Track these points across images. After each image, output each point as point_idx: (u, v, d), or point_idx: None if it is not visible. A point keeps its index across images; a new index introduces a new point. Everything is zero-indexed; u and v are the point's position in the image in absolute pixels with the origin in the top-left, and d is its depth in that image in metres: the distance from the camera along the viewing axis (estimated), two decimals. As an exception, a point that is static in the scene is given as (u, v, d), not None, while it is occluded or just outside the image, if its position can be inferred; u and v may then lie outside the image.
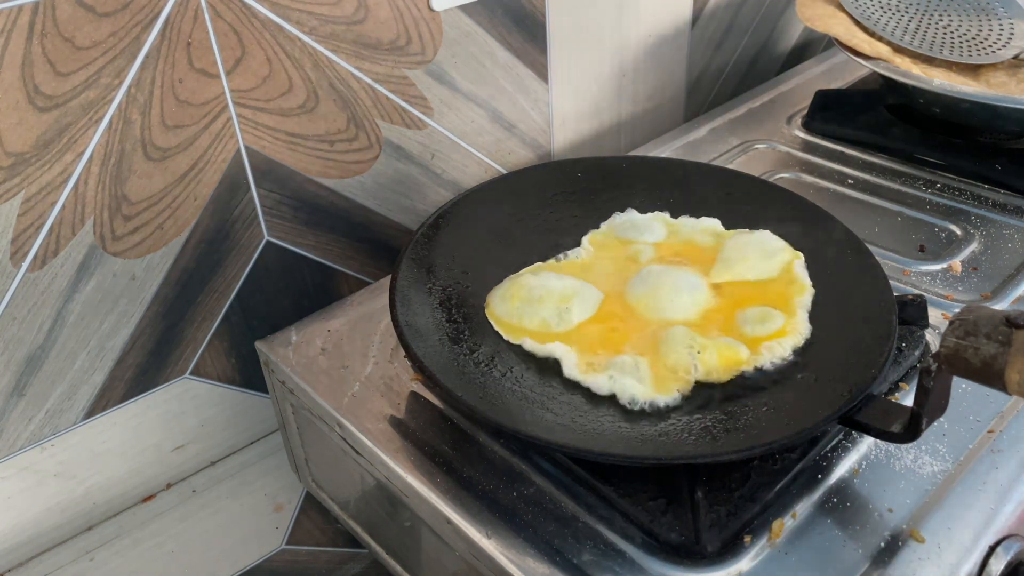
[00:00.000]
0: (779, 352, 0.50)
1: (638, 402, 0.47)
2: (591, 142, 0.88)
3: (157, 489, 0.66)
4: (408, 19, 0.65)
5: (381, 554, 0.60)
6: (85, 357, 0.58)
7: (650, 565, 0.43)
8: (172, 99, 0.55)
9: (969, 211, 0.71)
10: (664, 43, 0.90)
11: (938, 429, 0.49)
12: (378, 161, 0.69)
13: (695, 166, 0.68)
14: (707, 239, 0.61)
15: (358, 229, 0.70)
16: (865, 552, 0.42)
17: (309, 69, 0.61)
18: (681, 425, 0.46)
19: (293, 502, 0.73)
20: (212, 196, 0.60)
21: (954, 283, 0.62)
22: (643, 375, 0.48)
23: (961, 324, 0.38)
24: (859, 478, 0.47)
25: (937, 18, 0.84)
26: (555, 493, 0.47)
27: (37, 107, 0.50)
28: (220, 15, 0.55)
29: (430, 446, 0.50)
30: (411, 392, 0.55)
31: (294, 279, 0.67)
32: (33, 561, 0.61)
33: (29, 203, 0.51)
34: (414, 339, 0.50)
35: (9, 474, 0.58)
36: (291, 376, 0.57)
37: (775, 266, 0.57)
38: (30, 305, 0.54)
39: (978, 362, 0.38)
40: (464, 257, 0.59)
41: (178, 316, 0.61)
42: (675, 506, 0.44)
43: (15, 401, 0.56)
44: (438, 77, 0.69)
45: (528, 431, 0.45)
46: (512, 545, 0.44)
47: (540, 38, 0.76)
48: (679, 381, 0.48)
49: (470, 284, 0.58)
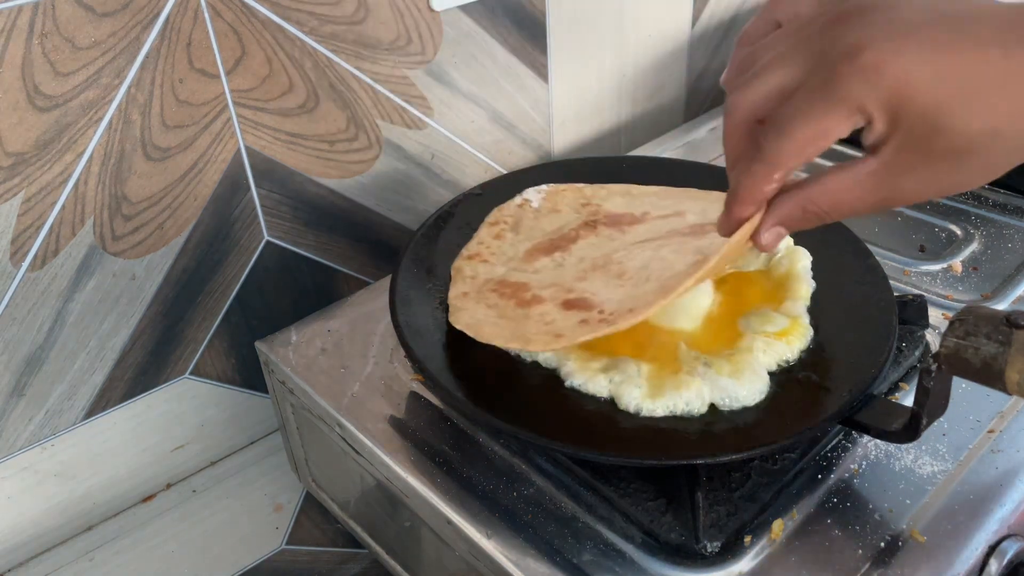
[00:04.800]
0: (782, 354, 0.49)
1: (640, 407, 0.46)
2: (591, 142, 0.88)
3: (157, 489, 0.66)
4: (408, 19, 0.65)
5: (381, 554, 0.60)
6: (85, 357, 0.58)
7: (650, 565, 0.43)
8: (172, 99, 0.55)
9: (969, 211, 0.71)
10: (664, 43, 0.90)
11: (938, 429, 0.49)
12: (378, 161, 0.69)
13: (695, 166, 0.68)
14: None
15: (358, 229, 0.70)
16: (865, 552, 0.42)
17: (309, 69, 0.61)
18: (681, 425, 0.46)
19: (293, 502, 0.73)
20: (212, 196, 0.60)
21: (954, 283, 0.62)
22: (644, 380, 0.48)
23: (961, 324, 0.38)
24: (859, 478, 0.47)
25: None
26: (555, 493, 0.47)
27: (37, 107, 0.50)
28: (220, 15, 0.55)
29: (430, 446, 0.50)
30: (411, 392, 0.55)
31: (294, 279, 0.67)
32: (33, 561, 0.61)
33: (29, 203, 0.51)
34: (414, 339, 0.50)
35: (9, 474, 0.58)
36: (291, 376, 0.57)
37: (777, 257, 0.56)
38: (30, 305, 0.54)
39: (978, 362, 0.38)
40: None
41: (178, 316, 0.61)
42: (675, 506, 0.44)
43: (15, 401, 0.56)
44: (438, 77, 0.69)
45: (528, 432, 0.45)
46: (512, 545, 0.44)
47: (540, 38, 0.76)
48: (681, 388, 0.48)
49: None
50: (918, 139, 0.34)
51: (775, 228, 0.40)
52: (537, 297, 0.51)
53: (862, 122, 0.35)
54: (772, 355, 0.49)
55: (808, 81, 0.35)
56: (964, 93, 0.33)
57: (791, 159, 0.37)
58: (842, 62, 0.34)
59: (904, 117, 0.34)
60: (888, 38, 0.34)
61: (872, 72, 0.33)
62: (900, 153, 0.34)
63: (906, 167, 0.35)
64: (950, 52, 0.33)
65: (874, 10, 0.35)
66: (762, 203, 0.39)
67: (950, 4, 0.35)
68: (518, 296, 0.51)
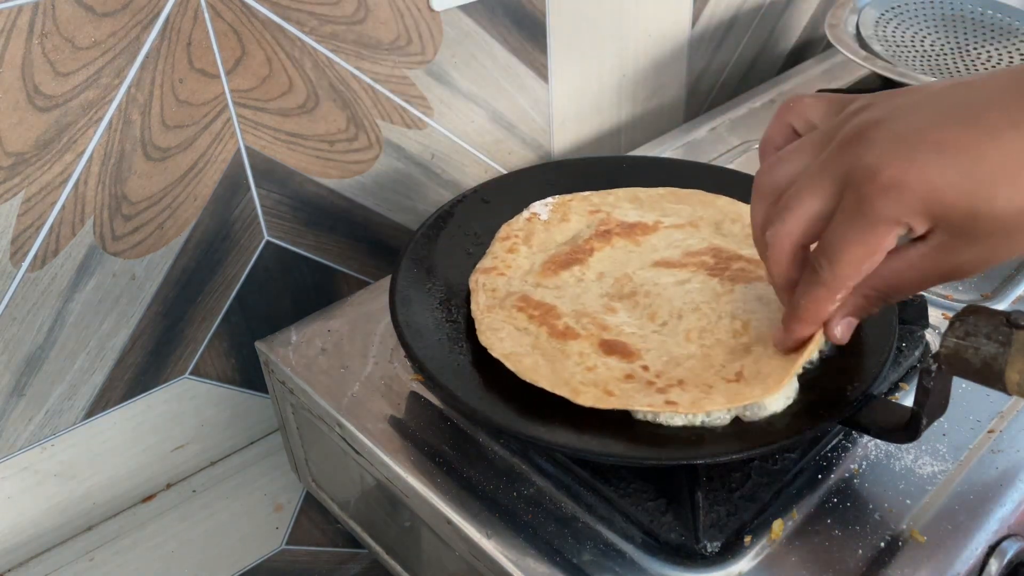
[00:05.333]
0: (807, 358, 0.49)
1: (658, 416, 0.46)
2: (591, 142, 0.88)
3: (157, 489, 0.66)
4: (408, 19, 0.65)
5: (381, 554, 0.60)
6: (85, 357, 0.58)
7: (650, 565, 0.43)
8: (172, 99, 0.55)
9: (969, 211, 0.71)
10: (664, 43, 0.90)
11: (938, 429, 0.49)
12: (378, 161, 0.69)
13: (695, 166, 0.68)
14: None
15: (358, 229, 0.70)
16: (865, 552, 0.43)
17: (309, 69, 0.61)
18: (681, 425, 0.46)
19: (293, 502, 0.73)
20: (212, 196, 0.60)
21: (954, 283, 0.62)
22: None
23: (961, 324, 0.38)
24: (859, 478, 0.47)
25: (975, 54, 0.85)
26: (555, 493, 0.47)
27: (37, 107, 0.50)
28: (220, 15, 0.55)
29: (430, 446, 0.50)
30: (411, 392, 0.55)
31: (294, 279, 0.67)
32: (33, 561, 0.61)
33: (29, 203, 0.51)
34: (414, 339, 0.50)
35: (9, 474, 0.58)
36: (291, 376, 0.57)
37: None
38: (30, 305, 0.54)
39: (978, 362, 0.38)
40: (464, 257, 0.59)
41: (178, 316, 0.61)
42: (675, 506, 0.44)
43: (15, 401, 0.56)
44: (438, 77, 0.69)
45: (528, 432, 0.45)
46: (512, 545, 0.44)
47: (540, 38, 0.76)
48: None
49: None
50: (961, 229, 0.35)
51: (846, 320, 0.42)
52: (571, 330, 0.50)
53: (904, 231, 0.36)
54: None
55: (843, 206, 0.37)
56: (993, 179, 0.33)
57: (849, 280, 0.39)
58: (866, 184, 0.35)
59: (942, 217, 0.35)
60: (899, 154, 0.35)
61: (895, 189, 0.34)
62: (949, 240, 0.36)
63: (957, 250, 0.36)
64: (964, 150, 0.34)
65: (878, 126, 0.36)
66: (822, 322, 0.42)
67: (949, 95, 0.36)
68: (549, 323, 0.51)
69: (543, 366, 0.48)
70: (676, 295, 0.52)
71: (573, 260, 0.57)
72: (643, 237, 0.59)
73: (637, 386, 0.46)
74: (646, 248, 0.58)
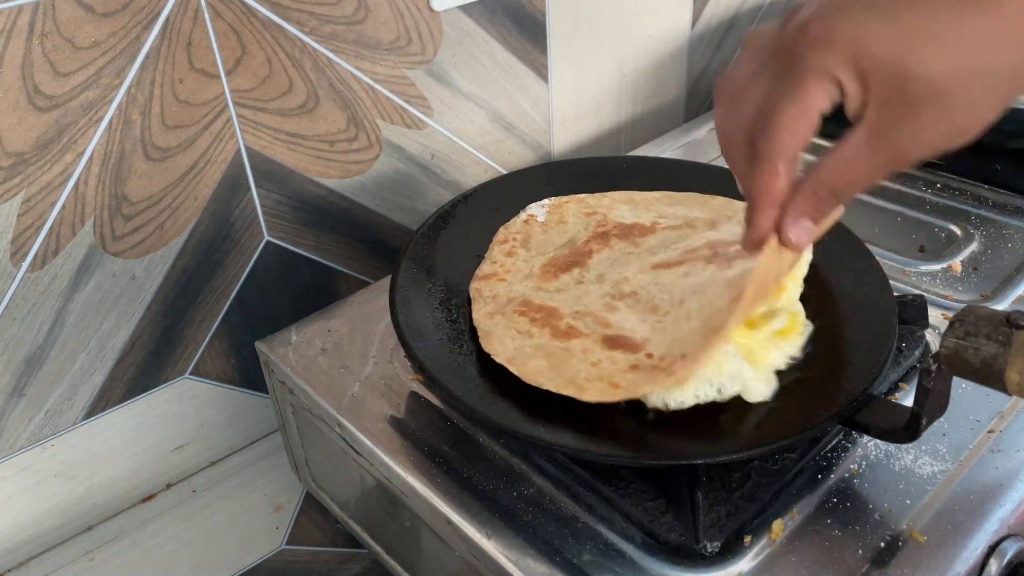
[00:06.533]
0: (785, 351, 0.49)
1: (667, 400, 0.46)
2: (591, 142, 0.88)
3: (157, 489, 0.66)
4: (408, 19, 0.65)
5: (381, 554, 0.60)
6: (85, 357, 0.58)
7: (650, 565, 0.43)
8: (172, 99, 0.55)
9: (969, 211, 0.71)
10: (664, 43, 0.90)
11: (938, 429, 0.49)
12: (378, 161, 0.69)
13: (695, 166, 0.68)
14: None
15: (358, 229, 0.70)
16: (865, 552, 0.42)
17: (309, 69, 0.61)
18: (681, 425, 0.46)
19: (293, 502, 0.73)
20: (212, 196, 0.60)
21: (954, 283, 0.62)
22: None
23: (961, 324, 0.38)
24: (859, 478, 0.47)
25: None
26: (555, 493, 0.47)
27: (37, 107, 0.50)
28: (220, 15, 0.55)
29: (430, 446, 0.50)
30: (411, 392, 0.55)
31: (294, 279, 0.67)
32: (33, 561, 0.61)
33: (29, 203, 0.51)
34: (414, 339, 0.50)
35: (9, 474, 0.58)
36: (291, 376, 0.57)
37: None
38: (30, 305, 0.54)
39: (978, 362, 0.38)
40: (464, 257, 0.59)
41: (178, 316, 0.61)
42: (675, 506, 0.44)
43: (15, 401, 0.56)
44: (438, 77, 0.69)
45: (528, 432, 0.45)
46: (512, 545, 0.44)
47: (540, 38, 0.76)
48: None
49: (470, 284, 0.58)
50: (892, 91, 0.34)
51: (799, 222, 0.40)
52: (573, 329, 0.50)
53: (836, 91, 0.35)
54: (780, 355, 0.49)
55: (777, 71, 0.37)
56: (921, 36, 0.33)
57: (785, 145, 0.37)
58: (797, 43, 0.35)
59: (871, 72, 0.34)
60: (829, 11, 0.34)
61: (823, 39, 0.34)
62: (881, 110, 0.35)
63: (892, 122, 0.35)
64: (894, 5, 0.33)
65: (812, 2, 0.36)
66: (777, 202, 0.40)
67: None
68: (551, 324, 0.51)
69: (547, 368, 0.48)
70: (677, 285, 0.52)
71: (573, 263, 0.57)
72: (641, 238, 0.59)
73: (643, 374, 0.46)
74: (644, 250, 0.58)
